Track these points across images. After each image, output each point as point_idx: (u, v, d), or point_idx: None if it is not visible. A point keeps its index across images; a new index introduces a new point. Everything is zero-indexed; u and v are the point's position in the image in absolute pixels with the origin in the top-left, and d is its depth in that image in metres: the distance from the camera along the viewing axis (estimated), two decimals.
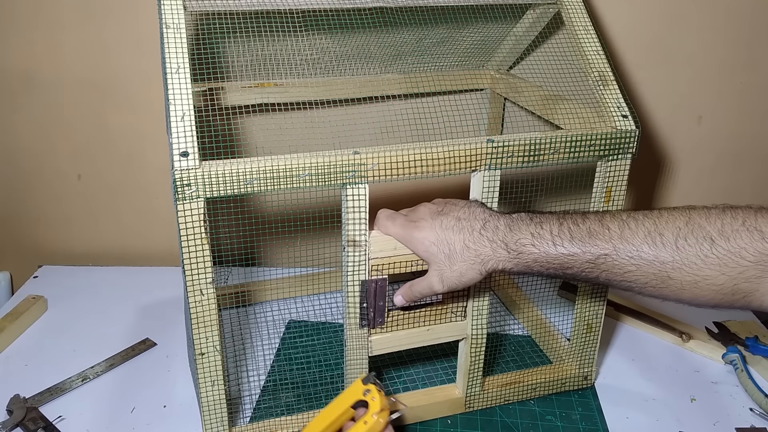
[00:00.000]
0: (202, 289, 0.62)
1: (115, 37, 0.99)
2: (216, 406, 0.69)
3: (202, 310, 0.63)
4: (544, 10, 0.84)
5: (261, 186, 0.60)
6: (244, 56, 0.85)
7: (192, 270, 0.61)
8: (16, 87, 1.03)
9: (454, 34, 0.88)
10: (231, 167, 0.59)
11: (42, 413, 0.77)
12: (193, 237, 0.59)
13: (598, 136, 0.69)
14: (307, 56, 0.88)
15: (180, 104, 0.60)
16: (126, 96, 1.03)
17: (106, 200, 1.12)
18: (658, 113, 1.06)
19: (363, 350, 0.71)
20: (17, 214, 1.14)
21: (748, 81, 1.05)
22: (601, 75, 0.73)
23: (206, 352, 0.65)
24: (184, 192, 0.58)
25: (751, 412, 0.80)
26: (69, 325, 0.96)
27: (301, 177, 0.60)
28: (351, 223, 0.64)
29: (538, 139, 0.67)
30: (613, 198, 0.73)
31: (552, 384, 0.82)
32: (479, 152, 0.65)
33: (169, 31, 0.63)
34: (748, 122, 1.08)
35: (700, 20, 1.00)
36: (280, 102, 0.91)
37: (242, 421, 0.77)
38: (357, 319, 0.69)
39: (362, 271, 0.67)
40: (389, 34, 0.85)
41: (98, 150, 1.08)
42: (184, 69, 0.61)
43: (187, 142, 0.58)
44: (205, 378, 0.66)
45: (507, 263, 0.61)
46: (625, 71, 1.03)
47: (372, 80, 0.95)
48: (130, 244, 1.14)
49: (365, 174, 0.62)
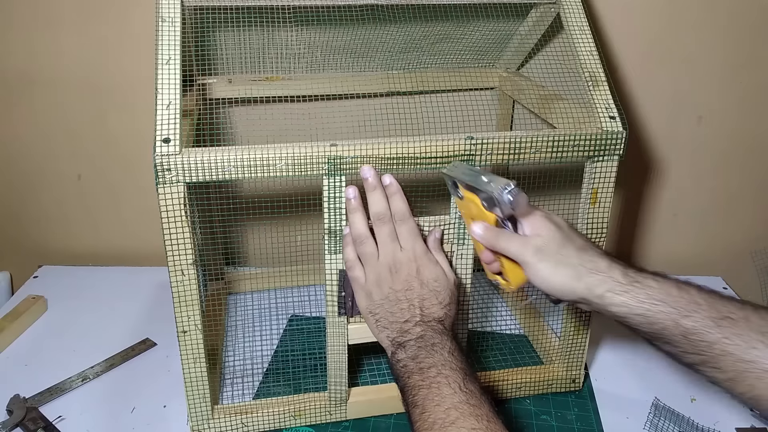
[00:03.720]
0: (183, 270, 0.65)
1: (116, 38, 0.99)
2: (198, 382, 0.71)
3: (183, 290, 0.66)
4: (545, 10, 0.84)
5: (238, 173, 0.62)
6: (246, 50, 0.86)
7: (173, 251, 0.64)
8: (16, 87, 1.03)
9: (458, 31, 0.88)
10: (210, 155, 0.61)
11: (42, 413, 0.78)
12: (174, 219, 0.63)
13: (582, 137, 0.68)
14: (313, 52, 0.89)
15: (167, 93, 0.63)
16: (126, 96, 1.03)
17: (106, 200, 1.12)
18: (658, 113, 1.06)
19: (342, 338, 0.72)
20: (17, 214, 1.14)
21: (749, 81, 1.05)
22: (592, 75, 0.73)
23: (188, 330, 0.68)
24: (164, 176, 0.61)
25: (751, 412, 0.80)
26: (69, 325, 0.96)
27: (278, 166, 0.62)
28: (329, 213, 0.65)
29: (519, 138, 0.67)
30: (600, 199, 0.72)
31: (538, 384, 0.82)
32: (458, 149, 0.66)
33: (164, 24, 0.67)
34: (748, 122, 1.08)
35: (701, 20, 1.00)
36: (286, 96, 0.94)
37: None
38: (335, 307, 0.70)
39: (340, 261, 0.68)
40: (393, 30, 0.85)
41: (98, 150, 1.08)
42: (175, 61, 0.65)
43: (169, 129, 0.61)
44: (188, 355, 0.69)
45: (619, 288, 0.57)
46: (625, 71, 1.03)
47: (377, 77, 0.95)
48: (130, 244, 1.14)
49: (342, 166, 0.64)
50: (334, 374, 0.75)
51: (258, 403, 0.77)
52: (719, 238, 1.17)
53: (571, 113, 0.75)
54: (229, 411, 0.76)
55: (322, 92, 0.94)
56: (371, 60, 0.93)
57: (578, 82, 0.75)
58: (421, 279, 0.63)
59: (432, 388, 0.54)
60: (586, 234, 0.72)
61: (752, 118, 1.08)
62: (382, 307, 0.64)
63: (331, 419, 0.78)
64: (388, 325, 0.63)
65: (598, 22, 0.99)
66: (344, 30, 0.83)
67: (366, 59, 0.93)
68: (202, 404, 0.73)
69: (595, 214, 0.72)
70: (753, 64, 1.04)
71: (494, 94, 1.02)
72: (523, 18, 0.88)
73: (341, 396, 0.76)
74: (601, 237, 0.74)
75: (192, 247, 0.64)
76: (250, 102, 0.94)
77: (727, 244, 1.17)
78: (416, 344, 0.59)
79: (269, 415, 0.76)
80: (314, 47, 0.88)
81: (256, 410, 0.76)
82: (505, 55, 0.97)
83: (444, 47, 0.92)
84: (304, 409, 0.77)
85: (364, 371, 0.86)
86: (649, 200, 1.13)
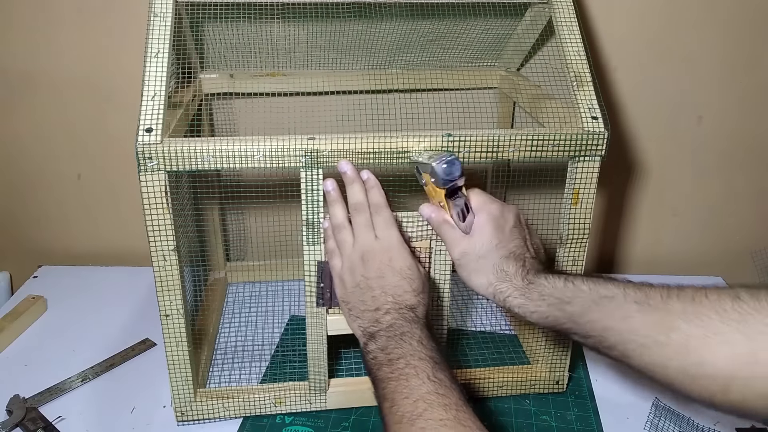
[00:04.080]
0: (165, 255, 0.67)
1: (116, 37, 0.99)
2: (180, 365, 0.73)
3: (165, 275, 0.68)
4: (539, 10, 0.84)
5: (217, 164, 0.64)
6: (243, 46, 0.88)
7: (155, 237, 0.66)
8: (16, 87, 1.03)
9: (454, 29, 0.89)
10: (190, 145, 0.63)
11: (42, 413, 0.78)
12: (156, 206, 0.65)
13: (563, 137, 0.68)
14: (312, 49, 0.90)
15: (153, 85, 0.66)
16: (126, 96, 1.03)
17: (106, 200, 1.12)
18: (658, 113, 1.06)
19: (321, 329, 0.73)
20: (17, 214, 1.14)
21: (749, 81, 1.05)
22: (577, 75, 0.72)
23: (170, 314, 0.70)
24: (146, 164, 0.64)
25: None
26: (69, 325, 0.96)
27: (255, 158, 0.64)
28: (307, 205, 0.67)
29: (497, 136, 0.67)
30: (582, 200, 0.71)
31: (520, 384, 0.82)
32: (436, 145, 0.66)
33: (156, 19, 0.69)
34: (748, 122, 1.08)
35: (701, 19, 1.00)
36: (286, 91, 0.95)
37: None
38: (314, 298, 0.71)
39: (318, 252, 0.69)
40: (390, 27, 0.86)
41: (98, 150, 1.08)
42: (163, 54, 0.67)
43: (152, 120, 0.64)
44: (170, 339, 0.72)
45: (516, 292, 0.62)
46: (625, 71, 1.03)
47: (375, 74, 0.96)
48: (130, 244, 1.14)
49: (320, 159, 0.65)
50: (314, 364, 0.76)
51: (240, 389, 0.79)
52: (719, 238, 1.17)
53: (559, 113, 0.75)
54: (211, 395, 0.78)
55: (321, 89, 0.95)
56: (371, 57, 0.94)
57: (567, 83, 0.75)
58: (393, 267, 0.63)
59: (401, 380, 0.55)
60: (568, 233, 0.72)
61: (752, 118, 1.08)
62: (353, 294, 0.64)
63: (311, 408, 0.79)
64: (360, 314, 0.64)
65: (597, 22, 0.99)
66: (340, 26, 0.84)
67: (365, 57, 0.93)
68: (185, 387, 0.75)
69: (576, 214, 0.72)
70: (753, 63, 1.03)
71: (495, 94, 1.02)
72: (521, 18, 0.88)
73: (321, 386, 0.78)
74: (583, 238, 0.73)
75: (173, 233, 0.66)
76: (250, 96, 0.95)
77: (727, 244, 1.17)
78: (386, 334, 0.60)
79: (251, 401, 0.78)
80: (313, 44, 0.89)
81: (239, 395, 0.78)
82: (505, 55, 0.97)
83: (443, 44, 0.93)
84: (284, 396, 0.78)
85: (349, 361, 0.87)
86: (648, 200, 1.13)
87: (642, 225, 1.15)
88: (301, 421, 0.78)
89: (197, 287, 0.94)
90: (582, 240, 0.73)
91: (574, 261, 0.74)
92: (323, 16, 0.82)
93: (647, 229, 1.16)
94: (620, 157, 1.09)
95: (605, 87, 1.04)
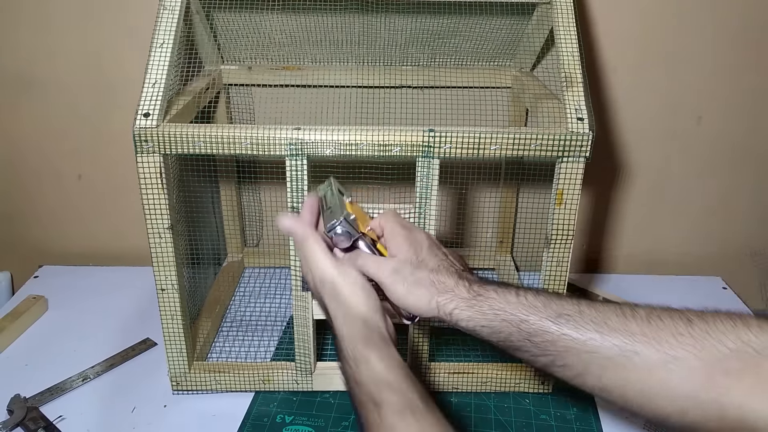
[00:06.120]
0: (160, 233, 0.72)
1: (116, 37, 1.00)
2: (176, 336, 0.77)
3: (160, 251, 0.73)
4: (544, 10, 0.84)
5: (208, 149, 0.68)
6: (262, 39, 0.91)
7: (151, 216, 0.71)
8: (16, 87, 1.03)
9: (465, 27, 0.90)
10: (184, 130, 0.67)
11: (42, 413, 0.78)
12: (151, 187, 0.70)
13: (546, 136, 0.68)
14: (329, 44, 0.93)
15: (155, 73, 0.70)
16: (126, 96, 1.03)
17: (107, 200, 1.12)
18: (658, 113, 1.06)
19: (307, 312, 0.76)
20: (18, 214, 1.14)
21: (749, 81, 1.05)
22: (568, 76, 0.72)
23: (166, 288, 0.75)
24: (142, 147, 0.68)
25: (644, 427, 0.79)
26: (69, 325, 0.97)
27: (243, 145, 0.68)
28: (291, 192, 0.70)
29: (480, 133, 0.67)
30: (566, 200, 0.71)
31: (506, 381, 0.82)
32: (417, 141, 0.67)
33: (164, 12, 0.73)
34: (748, 122, 1.08)
35: (701, 20, 1.00)
36: (301, 84, 0.99)
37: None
38: (299, 282, 0.74)
39: None
40: (405, 22, 0.89)
41: (98, 150, 1.08)
42: (168, 45, 0.71)
43: (151, 105, 0.68)
44: (166, 312, 0.76)
45: (463, 303, 0.57)
46: (624, 71, 1.03)
47: (389, 69, 0.98)
48: (131, 244, 1.14)
49: (304, 149, 0.68)
50: (301, 346, 0.78)
51: (232, 365, 0.83)
52: (719, 238, 1.17)
53: (555, 113, 0.75)
54: (205, 368, 0.81)
55: (335, 82, 0.98)
56: (385, 53, 0.95)
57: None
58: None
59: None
60: (552, 233, 0.72)
61: (752, 118, 1.08)
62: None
63: (298, 388, 0.82)
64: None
65: (596, 22, 0.99)
66: (354, 20, 0.87)
67: (379, 53, 0.95)
68: (180, 358, 0.79)
69: (561, 214, 0.71)
70: (753, 64, 1.04)
71: (508, 94, 1.02)
72: (529, 17, 0.89)
73: (307, 367, 0.80)
74: (568, 239, 0.72)
75: (168, 212, 0.71)
76: (267, 87, 0.99)
77: (726, 244, 1.17)
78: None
79: (240, 377, 0.81)
80: (327, 40, 0.92)
81: (230, 370, 0.81)
82: (518, 54, 0.98)
83: (455, 43, 0.94)
84: (272, 375, 0.81)
85: None
86: (648, 200, 1.13)
87: (641, 225, 1.16)
88: (302, 420, 0.78)
89: (214, 267, 1.04)
90: (566, 241, 0.72)
91: (559, 262, 0.74)
92: (336, 10, 0.85)
93: (647, 229, 1.16)
94: (620, 157, 1.09)
95: (605, 88, 1.04)
